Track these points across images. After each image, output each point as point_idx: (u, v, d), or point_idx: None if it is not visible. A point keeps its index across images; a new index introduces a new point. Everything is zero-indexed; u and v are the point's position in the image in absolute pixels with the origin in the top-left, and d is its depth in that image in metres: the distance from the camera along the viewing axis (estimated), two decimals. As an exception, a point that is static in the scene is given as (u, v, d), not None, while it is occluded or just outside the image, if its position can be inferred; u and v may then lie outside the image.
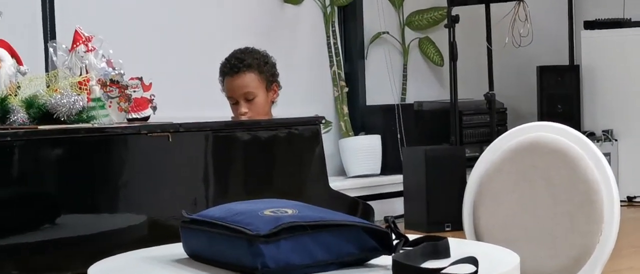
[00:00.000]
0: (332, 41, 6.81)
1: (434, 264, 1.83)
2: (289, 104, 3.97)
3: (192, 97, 5.45)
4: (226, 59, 3.75)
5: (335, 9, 6.89)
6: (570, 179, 2.64)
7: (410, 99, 7.12)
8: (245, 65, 3.67)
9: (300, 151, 3.13)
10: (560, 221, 2.64)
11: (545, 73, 7.01)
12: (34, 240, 2.57)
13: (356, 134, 6.87)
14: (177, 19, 6.02)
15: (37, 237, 2.59)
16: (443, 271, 1.73)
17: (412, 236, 2.02)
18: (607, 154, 6.59)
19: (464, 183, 4.04)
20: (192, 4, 6.12)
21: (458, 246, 2.01)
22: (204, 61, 5.01)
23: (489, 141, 6.32)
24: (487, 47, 6.44)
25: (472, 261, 1.75)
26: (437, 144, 6.49)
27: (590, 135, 6.70)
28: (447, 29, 6.34)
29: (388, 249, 1.88)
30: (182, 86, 5.63)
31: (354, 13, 7.06)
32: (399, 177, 6.34)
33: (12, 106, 2.76)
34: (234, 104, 3.69)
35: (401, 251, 1.88)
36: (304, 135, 3.14)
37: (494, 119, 6.50)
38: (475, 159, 2.95)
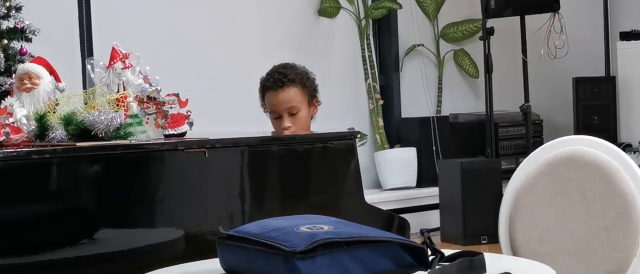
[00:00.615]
0: (366, 54, 6.82)
1: (470, 279, 1.84)
2: (324, 117, 3.98)
3: (228, 113, 5.48)
4: (268, 74, 3.77)
5: (370, 21, 6.90)
6: (607, 193, 2.64)
7: (445, 111, 7.11)
8: (289, 80, 3.70)
9: (335, 165, 3.14)
10: (597, 234, 2.63)
11: (581, 84, 6.98)
12: (73, 255, 2.60)
13: (391, 146, 6.87)
14: (213, 35, 6.06)
15: (76, 253, 2.61)
16: (479, 287, 1.73)
17: (447, 251, 2.03)
18: (644, 166, 6.56)
19: (500, 196, 4.03)
20: (227, 19, 6.16)
21: (494, 262, 2.02)
22: (240, 76, 5.06)
23: (524, 153, 6.35)
24: (523, 58, 6.42)
25: (508, 277, 1.76)
26: (473, 157, 6.47)
27: (627, 146, 6.65)
28: (482, 41, 6.33)
29: (424, 265, 1.89)
30: (219, 102, 5.66)
31: (389, 25, 7.07)
32: (434, 190, 6.33)
33: (51, 123, 2.80)
34: (277, 118, 3.71)
35: (437, 267, 1.89)
36: (339, 149, 3.15)
37: (529, 131, 6.48)
38: (511, 171, 2.95)
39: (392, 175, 6.72)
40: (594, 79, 7.00)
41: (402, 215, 4.98)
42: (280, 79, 3.71)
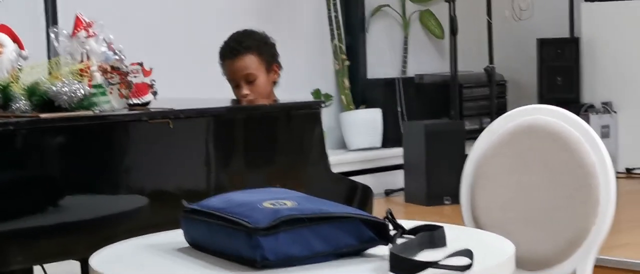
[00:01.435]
0: (332, 14, 6.82)
1: (431, 254, 1.86)
2: (290, 79, 3.99)
3: (192, 81, 5.46)
4: (225, 42, 3.77)
5: (336, -19, 6.89)
6: (567, 163, 2.67)
7: (411, 72, 7.13)
8: (245, 48, 3.69)
9: (301, 134, 3.16)
10: (558, 204, 2.67)
11: (545, 46, 7.02)
12: (37, 225, 2.61)
13: (357, 107, 6.90)
14: (176, 2, 6.02)
15: (41, 222, 2.62)
16: (439, 263, 1.76)
17: (408, 224, 2.05)
18: (606, 126, 6.62)
19: (463, 157, 4.07)
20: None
21: (454, 234, 2.04)
22: (204, 42, 5.02)
23: (488, 114, 6.39)
24: (487, 20, 6.45)
25: (468, 253, 1.79)
26: (438, 118, 6.51)
27: (590, 107, 6.71)
28: (447, 2, 6.34)
29: (385, 239, 1.92)
30: (182, 70, 5.64)
31: (355, -15, 7.07)
32: (399, 151, 6.37)
33: (14, 94, 2.78)
34: (235, 87, 3.72)
35: (398, 242, 1.92)
36: (304, 118, 3.16)
37: (493, 92, 6.52)
38: (476, 131, 2.97)
39: (357, 136, 6.75)
40: (558, 40, 7.03)
41: (366, 175, 5.01)
42: (235, 48, 3.71)
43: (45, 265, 3.11)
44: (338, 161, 5.75)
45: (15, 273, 2.84)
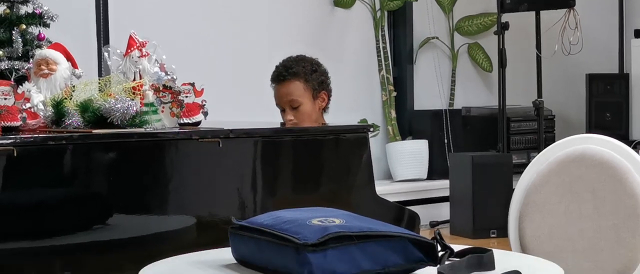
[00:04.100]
0: (381, 45, 6.84)
1: (479, 276, 1.86)
2: (337, 108, 4.00)
3: (243, 104, 5.51)
4: (276, 66, 3.80)
5: (385, 13, 6.91)
6: (617, 192, 2.65)
7: (458, 104, 7.12)
8: (291, 74, 3.72)
9: (347, 157, 3.16)
10: (606, 233, 2.65)
11: (594, 81, 6.98)
12: (86, 241, 2.63)
13: (403, 138, 6.89)
14: (228, 25, 6.07)
15: (89, 238, 2.64)
16: (487, 284, 1.75)
17: (457, 247, 2.04)
18: (655, 164, 6.55)
19: (510, 190, 4.06)
20: (243, 10, 6.17)
21: (503, 259, 2.03)
22: (255, 67, 5.07)
23: (536, 148, 6.36)
24: (537, 54, 6.43)
25: (516, 274, 1.78)
26: (485, 150, 6.49)
27: (639, 144, 6.66)
28: (496, 36, 6.33)
29: (433, 260, 1.91)
30: (233, 93, 5.68)
31: (404, 18, 7.08)
32: (445, 183, 6.35)
33: (68, 110, 2.82)
34: (282, 111, 3.75)
35: (446, 263, 1.91)
36: (352, 142, 3.17)
37: (541, 127, 6.49)
38: (523, 166, 2.96)
39: (403, 167, 6.74)
40: (607, 75, 7.00)
41: (412, 207, 5.01)
42: (282, 73, 3.74)
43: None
44: (383, 192, 5.69)
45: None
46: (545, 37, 6.47)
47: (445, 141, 6.82)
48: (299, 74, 3.74)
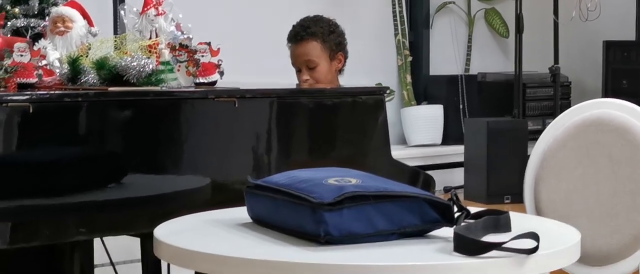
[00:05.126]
0: (397, 10, 6.80)
1: (495, 238, 1.85)
2: (352, 71, 3.99)
3: (258, 64, 5.49)
4: (293, 26, 3.79)
5: (402, -23, 6.87)
6: (633, 157, 2.64)
7: (474, 70, 7.09)
8: (309, 34, 3.71)
9: (363, 120, 3.16)
10: (622, 198, 2.64)
11: (611, 48, 6.93)
12: (101, 199, 2.64)
13: (418, 103, 6.87)
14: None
15: (104, 196, 2.65)
16: (503, 245, 1.75)
17: (473, 209, 2.04)
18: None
19: (525, 156, 4.04)
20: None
21: (519, 221, 2.03)
22: (271, 27, 5.04)
23: (552, 115, 6.33)
24: (554, 20, 6.38)
25: (533, 236, 1.77)
26: (500, 116, 6.46)
27: (656, 112, 6.62)
28: (513, 1, 6.29)
29: (449, 221, 1.91)
30: (248, 52, 5.66)
31: (421, -19, 7.04)
32: (460, 148, 6.32)
33: (83, 67, 2.82)
34: (298, 71, 3.73)
35: (462, 224, 1.91)
36: (368, 104, 3.16)
37: (557, 93, 6.46)
38: (538, 132, 2.95)
39: (418, 132, 6.73)
40: (624, 42, 6.94)
41: (426, 172, 4.99)
42: (300, 33, 3.73)
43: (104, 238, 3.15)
44: (398, 157, 5.66)
45: (77, 245, 2.88)
46: (563, 3, 6.42)
47: (461, 106, 6.79)
48: (317, 34, 3.73)
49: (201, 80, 2.91)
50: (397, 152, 6.05)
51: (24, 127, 2.52)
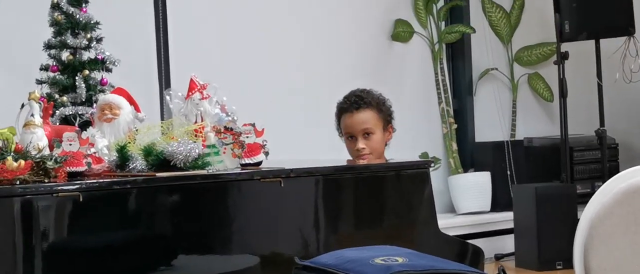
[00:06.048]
0: (440, 78, 6.83)
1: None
2: (398, 142, 4.01)
3: (304, 140, 5.52)
4: (345, 97, 3.85)
5: (443, 45, 6.90)
6: (683, 223, 2.62)
7: (519, 135, 7.07)
8: (365, 103, 3.78)
9: (409, 194, 3.17)
10: (673, 265, 2.61)
11: (657, 108, 6.90)
12: (151, 283, 2.66)
13: (465, 171, 6.86)
14: (287, 62, 6.10)
15: (155, 280, 2.68)
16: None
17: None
18: None
19: (575, 221, 4.01)
20: (300, 46, 6.21)
21: (568, 294, 2.02)
22: (314, 103, 5.09)
23: (600, 178, 6.29)
24: (598, 82, 6.37)
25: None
26: (548, 181, 6.43)
27: None
28: (556, 65, 6.29)
29: (497, 296, 1.91)
30: (294, 129, 5.70)
31: (462, 50, 7.06)
32: (509, 215, 6.30)
33: (131, 154, 2.86)
34: (351, 139, 3.77)
35: (510, 299, 1.91)
36: (413, 178, 3.17)
37: (605, 155, 6.42)
38: (587, 196, 2.94)
39: (466, 199, 6.71)
40: (670, 102, 6.91)
41: (476, 240, 4.99)
42: (357, 102, 3.79)
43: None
44: (447, 225, 5.70)
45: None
46: (606, 65, 6.41)
47: (508, 172, 6.77)
48: (373, 104, 3.81)
49: (247, 161, 2.94)
50: (446, 221, 6.04)
51: (74, 215, 2.57)
